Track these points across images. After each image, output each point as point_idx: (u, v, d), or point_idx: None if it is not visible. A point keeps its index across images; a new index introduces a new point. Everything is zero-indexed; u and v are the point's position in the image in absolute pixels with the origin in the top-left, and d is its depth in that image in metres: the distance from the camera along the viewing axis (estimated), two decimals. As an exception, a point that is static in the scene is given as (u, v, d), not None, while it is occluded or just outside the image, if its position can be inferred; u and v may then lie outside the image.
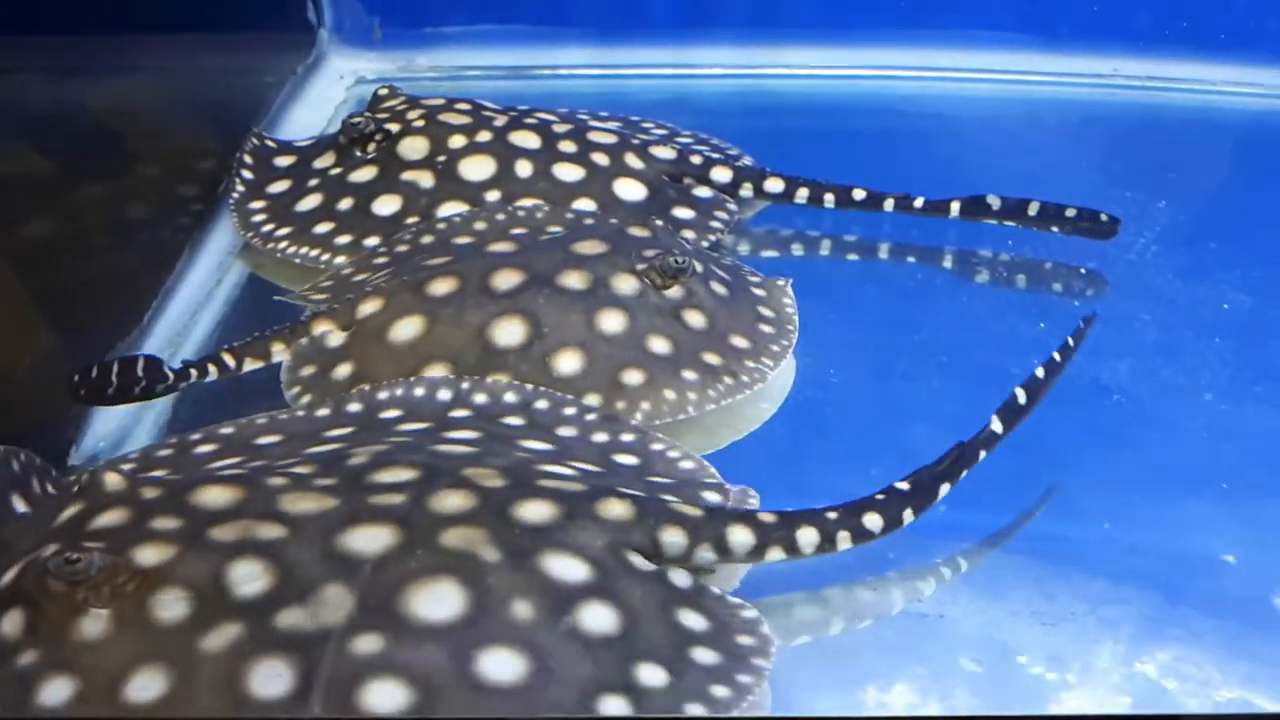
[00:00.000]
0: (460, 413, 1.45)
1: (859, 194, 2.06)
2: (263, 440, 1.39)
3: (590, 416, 1.46)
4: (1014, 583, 1.36)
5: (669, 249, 1.64)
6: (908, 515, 1.29)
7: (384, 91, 2.17)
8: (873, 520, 1.27)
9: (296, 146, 2.19)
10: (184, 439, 1.41)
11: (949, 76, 2.77)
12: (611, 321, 1.57)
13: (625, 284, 1.60)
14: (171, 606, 1.07)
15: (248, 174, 2.08)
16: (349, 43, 2.82)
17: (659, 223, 1.74)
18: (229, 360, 1.59)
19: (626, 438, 1.43)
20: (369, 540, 1.13)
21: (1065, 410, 1.68)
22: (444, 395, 1.48)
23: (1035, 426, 1.64)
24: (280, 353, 1.61)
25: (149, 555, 1.10)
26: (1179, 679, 1.24)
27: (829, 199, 2.07)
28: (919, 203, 2.04)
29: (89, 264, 1.75)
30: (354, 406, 1.47)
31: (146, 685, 1.03)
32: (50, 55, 1.77)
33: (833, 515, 1.27)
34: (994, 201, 2.02)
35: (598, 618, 1.11)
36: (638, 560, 1.19)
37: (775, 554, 1.24)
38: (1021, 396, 1.44)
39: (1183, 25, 2.78)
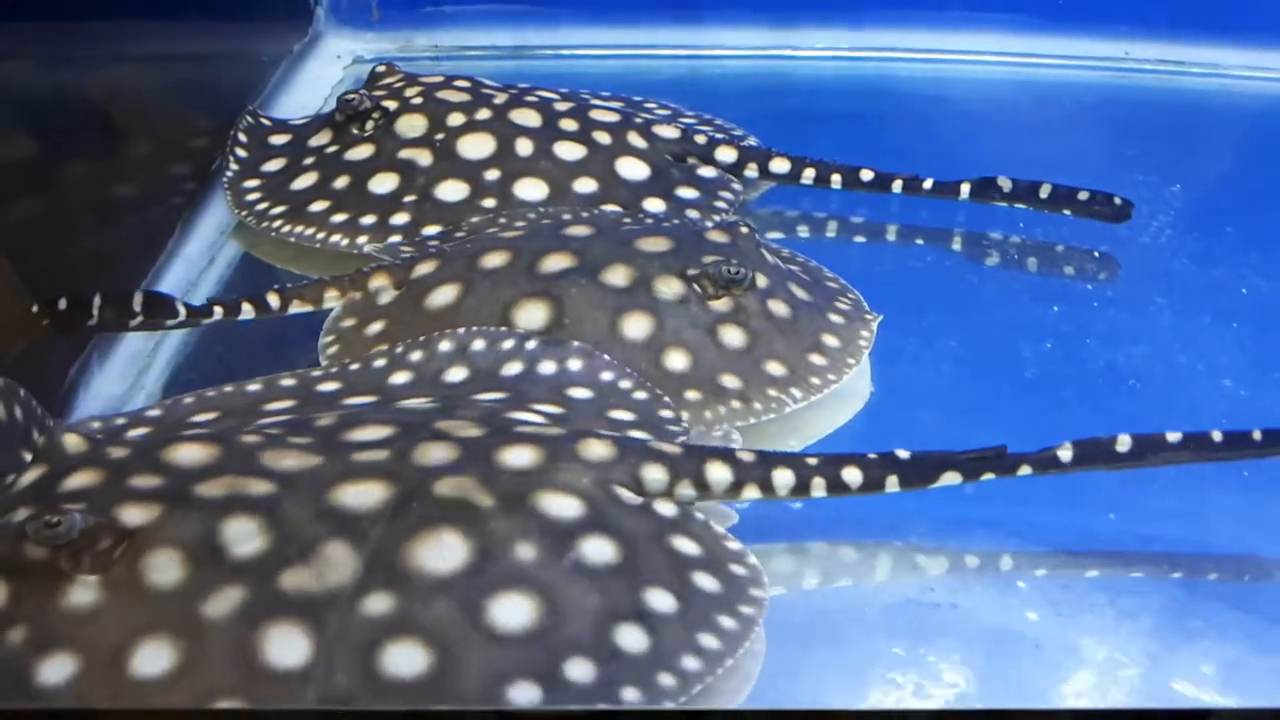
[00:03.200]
0: (401, 376, 1.43)
1: (867, 175, 2.01)
2: (200, 417, 1.35)
3: (531, 345, 1.45)
4: (1029, 572, 1.32)
5: (730, 258, 1.55)
6: (892, 482, 1.26)
7: (381, 69, 2.13)
8: (851, 474, 1.25)
9: (292, 125, 2.14)
10: (108, 423, 1.35)
11: (959, 59, 2.73)
12: (635, 326, 1.51)
13: (669, 288, 1.53)
14: (166, 569, 1.03)
15: (242, 152, 2.03)
16: (346, 22, 2.78)
17: (745, 230, 1.63)
18: (274, 301, 1.60)
19: (574, 365, 1.43)
20: (362, 496, 1.11)
21: (1081, 396, 1.65)
22: (379, 363, 1.46)
23: (1050, 411, 1.62)
24: (333, 299, 1.63)
25: (133, 515, 1.06)
26: (1200, 672, 1.21)
27: (836, 180, 2.02)
28: (928, 184, 1.99)
29: (79, 244, 1.72)
30: (288, 382, 1.44)
31: (154, 657, 1.00)
32: (42, 32, 1.72)
33: (812, 461, 1.26)
34: (1005, 184, 1.97)
35: (598, 549, 1.12)
36: (625, 494, 1.20)
37: (751, 492, 1.25)
38: (1065, 455, 1.28)
39: (1195, 8, 2.74)
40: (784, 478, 1.25)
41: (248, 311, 1.59)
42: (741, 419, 1.45)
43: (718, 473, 1.24)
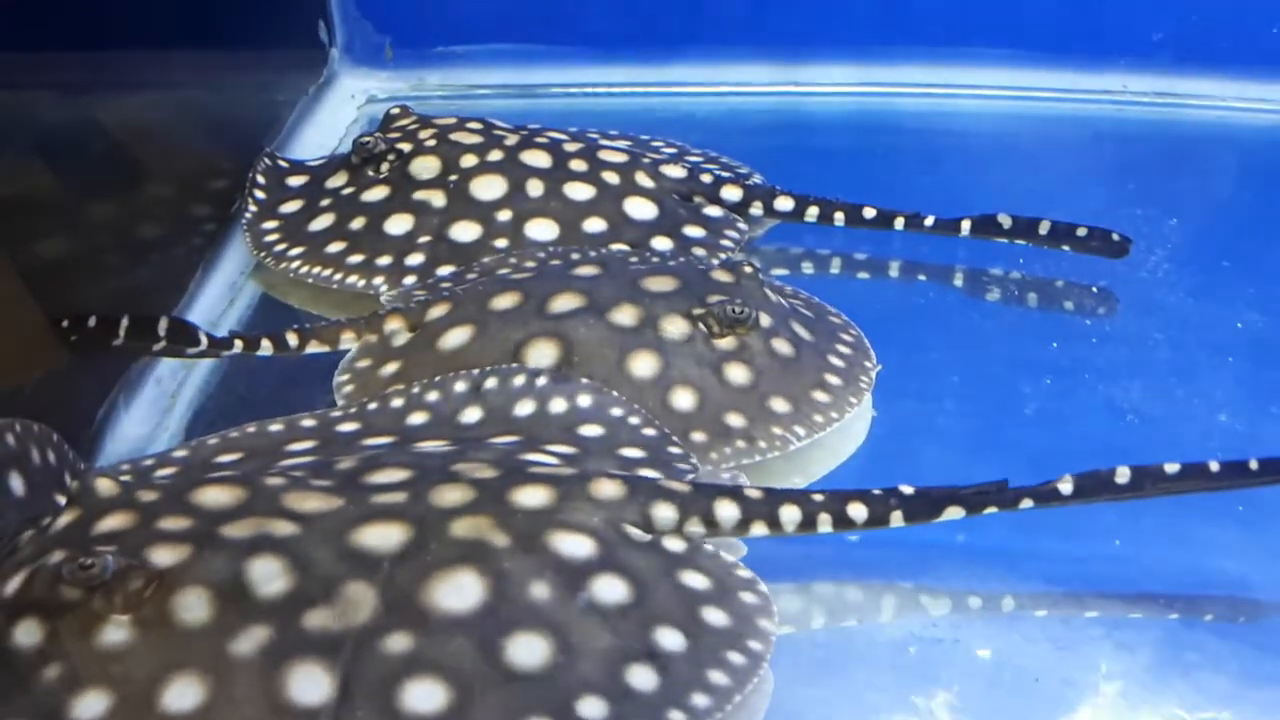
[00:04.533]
0: (418, 417, 1.47)
1: (869, 212, 2.05)
2: (225, 458, 1.39)
3: (541, 381, 1.48)
4: (1028, 605, 1.35)
5: (734, 297, 1.59)
6: (896, 517, 1.28)
7: (396, 111, 2.19)
8: (857, 510, 1.28)
9: (308, 166, 2.20)
10: (136, 465, 1.40)
11: (959, 94, 2.77)
12: (642, 365, 1.55)
13: (675, 327, 1.57)
14: (194, 608, 1.07)
15: (260, 194, 2.09)
16: (360, 62, 2.84)
17: (749, 270, 1.67)
18: (292, 339, 1.66)
19: (584, 402, 1.46)
20: (382, 537, 1.14)
21: (1079, 430, 1.68)
22: (397, 403, 1.50)
23: (1050, 446, 1.65)
24: (349, 341, 1.68)
25: (163, 556, 1.10)
26: (1197, 704, 1.23)
27: (839, 217, 2.07)
28: (929, 221, 2.03)
29: (103, 283, 1.76)
30: (308, 423, 1.48)
31: (183, 694, 1.03)
32: (64, 74, 1.78)
33: (818, 497, 1.29)
34: (1005, 220, 2.01)
35: (610, 588, 1.15)
36: (635, 532, 1.23)
37: (759, 529, 1.28)
38: (1066, 488, 1.30)
39: (1192, 41, 2.78)
40: (791, 514, 1.28)
41: (266, 348, 1.64)
42: (747, 458, 1.49)
43: (726, 510, 1.27)
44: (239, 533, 1.12)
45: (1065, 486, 1.29)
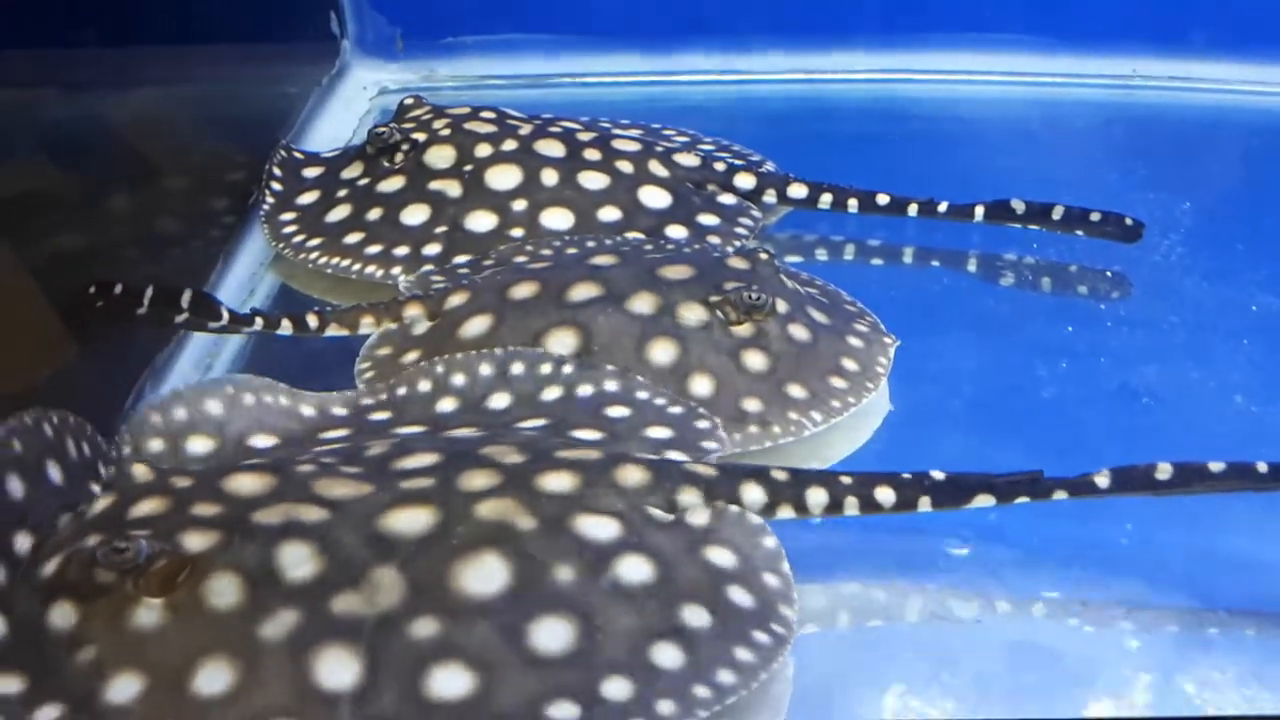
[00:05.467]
0: (447, 403, 1.48)
1: (883, 199, 2.06)
2: (257, 442, 1.40)
3: (567, 369, 1.49)
4: (1049, 587, 1.36)
5: (751, 284, 1.60)
6: (924, 503, 1.28)
7: (409, 101, 2.20)
8: (884, 494, 1.28)
9: (324, 158, 2.21)
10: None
11: (970, 80, 2.77)
12: (661, 352, 1.56)
13: (692, 314, 1.59)
14: (225, 592, 1.08)
15: (277, 186, 2.10)
16: (371, 54, 2.85)
17: (765, 256, 1.69)
18: (312, 321, 1.68)
19: (611, 386, 1.47)
20: (410, 522, 1.15)
21: (1095, 414, 1.69)
22: (424, 387, 1.51)
23: (1066, 428, 1.66)
24: (368, 325, 1.69)
25: (195, 541, 1.12)
26: (1218, 681, 1.24)
27: (853, 204, 2.07)
28: (943, 207, 2.04)
29: (124, 276, 1.77)
30: (340, 411, 1.48)
31: (214, 678, 1.04)
32: (80, 71, 1.79)
33: (845, 480, 1.29)
34: (1018, 206, 2.02)
35: (634, 569, 1.16)
36: (658, 513, 1.23)
37: (785, 511, 1.28)
38: (1103, 481, 1.29)
39: (1202, 25, 2.78)
40: (817, 497, 1.28)
41: (286, 327, 1.67)
42: (762, 443, 1.50)
43: (752, 494, 1.28)
44: (269, 519, 1.14)
45: (1102, 480, 1.27)
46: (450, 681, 1.05)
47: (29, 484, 1.20)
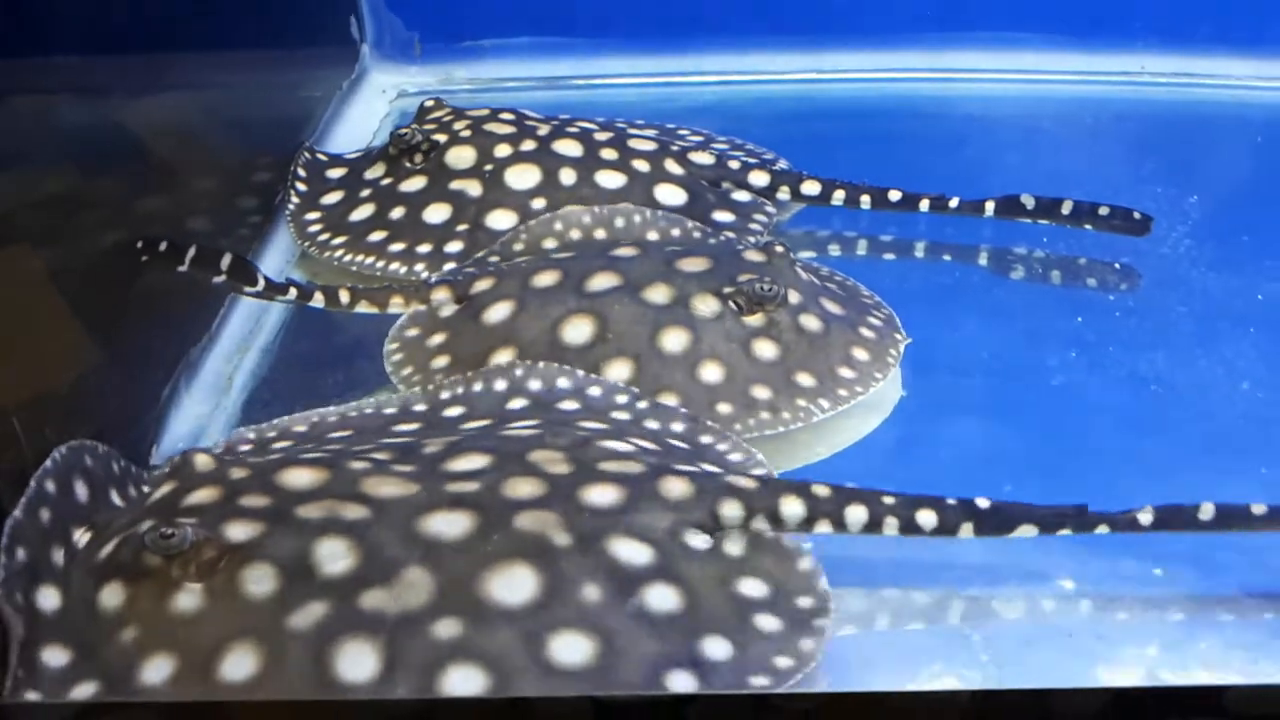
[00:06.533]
0: (518, 402, 1.51)
1: (895, 195, 2.10)
2: (336, 434, 1.46)
3: (641, 404, 1.51)
4: (1060, 567, 1.39)
5: (764, 276, 1.64)
6: (966, 530, 1.28)
7: (430, 104, 2.24)
8: (926, 517, 1.28)
9: (346, 159, 2.26)
10: (261, 434, 1.49)
11: (979, 77, 2.80)
12: (673, 340, 1.60)
13: (705, 305, 1.62)
14: (261, 582, 1.12)
15: (302, 186, 2.15)
16: (390, 58, 2.90)
17: (780, 250, 1.72)
18: (344, 296, 1.74)
19: (677, 426, 1.48)
20: (449, 524, 1.18)
21: (1105, 402, 1.72)
22: (500, 385, 1.54)
23: (1076, 417, 1.69)
24: (397, 305, 1.75)
25: (238, 531, 1.16)
26: (1227, 659, 1.28)
27: (865, 200, 2.11)
28: (954, 203, 2.08)
29: (160, 275, 1.83)
30: (419, 406, 1.53)
31: (239, 664, 1.08)
32: (110, 77, 1.84)
33: (888, 500, 1.29)
34: (1028, 201, 2.05)
35: (661, 597, 1.16)
36: (695, 539, 1.23)
37: (823, 527, 1.28)
38: (1146, 518, 1.29)
39: (1210, 21, 2.80)
40: (856, 515, 1.27)
41: (318, 300, 1.74)
42: (770, 428, 1.54)
43: (792, 507, 1.27)
44: (312, 514, 1.17)
45: (1145, 517, 1.28)
46: (465, 683, 1.06)
47: (93, 492, 1.27)
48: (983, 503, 1.29)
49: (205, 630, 1.10)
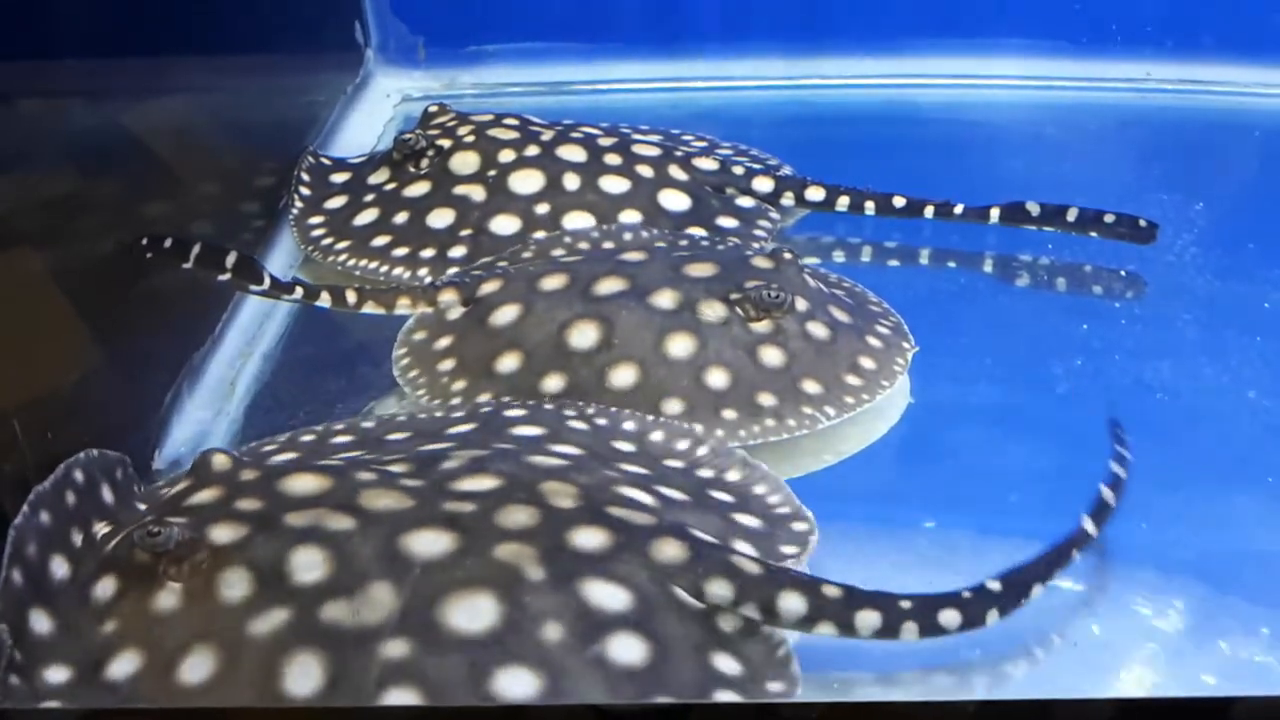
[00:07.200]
0: (577, 425, 1.47)
1: (899, 201, 2.09)
2: (390, 436, 1.44)
3: (701, 451, 1.46)
4: (1065, 575, 1.38)
5: (771, 282, 1.63)
6: (992, 617, 1.19)
7: (434, 109, 2.24)
8: (949, 617, 1.17)
9: (350, 163, 2.26)
10: (294, 436, 1.49)
11: (985, 84, 2.80)
12: (679, 346, 1.59)
13: (712, 310, 1.61)
14: (234, 586, 1.11)
15: (305, 190, 2.15)
16: (394, 62, 2.90)
17: (789, 256, 1.71)
18: (350, 296, 1.73)
19: (732, 477, 1.42)
20: (430, 543, 1.15)
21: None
22: (570, 411, 1.51)
23: (1081, 423, 1.68)
24: (404, 307, 1.74)
25: (223, 533, 1.15)
26: (1231, 668, 1.27)
27: (870, 207, 2.11)
28: (959, 209, 2.07)
29: (163, 278, 1.83)
30: (486, 409, 1.51)
31: (197, 667, 1.07)
32: (113, 79, 1.84)
33: (905, 604, 1.16)
34: (1033, 208, 2.05)
35: (626, 649, 1.11)
36: (687, 597, 1.16)
37: (826, 629, 1.16)
38: (1109, 495, 1.32)
39: (1215, 28, 2.80)
40: (868, 619, 1.15)
41: (325, 300, 1.72)
42: (775, 435, 1.53)
43: (791, 603, 1.15)
44: (297, 521, 1.16)
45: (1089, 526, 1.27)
46: (398, 702, 1.03)
47: (117, 495, 1.28)
48: (993, 585, 1.20)
49: (175, 630, 1.10)
